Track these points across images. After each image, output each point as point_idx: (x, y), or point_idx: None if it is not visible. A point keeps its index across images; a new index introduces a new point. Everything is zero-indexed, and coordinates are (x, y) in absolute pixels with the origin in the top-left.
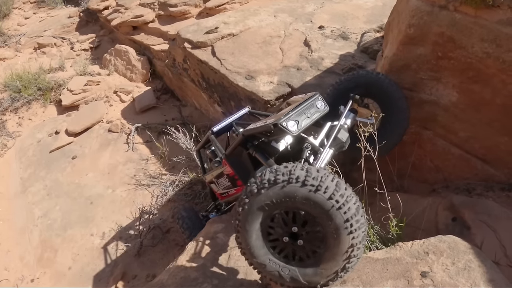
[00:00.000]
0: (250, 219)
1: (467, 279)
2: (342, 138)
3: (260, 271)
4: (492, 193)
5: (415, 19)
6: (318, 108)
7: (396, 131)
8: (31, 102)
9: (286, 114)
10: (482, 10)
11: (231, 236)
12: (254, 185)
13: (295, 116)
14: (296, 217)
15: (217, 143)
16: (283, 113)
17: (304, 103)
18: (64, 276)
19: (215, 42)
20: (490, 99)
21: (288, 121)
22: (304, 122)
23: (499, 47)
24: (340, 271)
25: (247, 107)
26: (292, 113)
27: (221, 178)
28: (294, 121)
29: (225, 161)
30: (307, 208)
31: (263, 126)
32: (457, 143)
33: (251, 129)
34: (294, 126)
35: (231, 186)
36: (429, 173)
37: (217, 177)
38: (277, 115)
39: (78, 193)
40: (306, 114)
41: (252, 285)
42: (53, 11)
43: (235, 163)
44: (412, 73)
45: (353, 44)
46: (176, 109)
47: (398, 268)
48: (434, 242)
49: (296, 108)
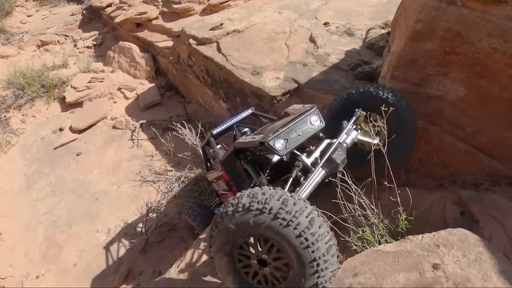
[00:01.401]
0: (223, 240)
1: (479, 270)
2: (337, 159)
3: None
4: (499, 188)
5: (423, 14)
6: (311, 125)
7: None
8: (34, 99)
9: (275, 132)
10: (490, 5)
11: None
12: (230, 207)
13: (284, 133)
14: (266, 244)
15: (216, 146)
16: (272, 129)
17: (297, 118)
18: (69, 272)
19: (220, 39)
20: (498, 94)
21: (276, 139)
22: (293, 141)
23: (506, 42)
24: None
25: (251, 109)
26: (282, 130)
27: (220, 180)
28: (283, 139)
29: (221, 167)
30: (276, 239)
31: (251, 142)
32: (464, 138)
33: (241, 143)
34: (282, 145)
35: (228, 190)
36: (436, 168)
37: (216, 178)
38: (268, 130)
39: (82, 190)
40: (297, 131)
41: None
42: (55, 8)
43: (230, 170)
44: (419, 68)
45: (359, 40)
46: (180, 106)
47: (409, 261)
48: (444, 235)
49: (287, 124)
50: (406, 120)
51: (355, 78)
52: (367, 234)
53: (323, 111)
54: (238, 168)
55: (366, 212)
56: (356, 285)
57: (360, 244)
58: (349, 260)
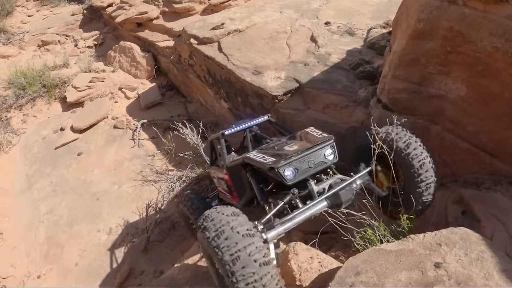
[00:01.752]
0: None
1: (481, 269)
2: (342, 197)
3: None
4: (500, 187)
5: (425, 14)
6: (325, 158)
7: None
8: (35, 99)
9: (288, 159)
10: (491, 4)
11: None
12: (200, 221)
13: (296, 162)
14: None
15: (225, 148)
16: (285, 155)
17: (312, 148)
18: (70, 272)
19: (222, 38)
20: (499, 93)
21: (287, 167)
22: (303, 172)
23: (508, 41)
24: None
25: (267, 115)
26: (294, 158)
27: (222, 180)
28: (294, 168)
29: (226, 172)
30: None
31: (262, 163)
32: (466, 137)
33: (252, 160)
34: (291, 175)
35: (228, 192)
36: (437, 167)
37: (219, 177)
38: (280, 152)
39: (84, 189)
40: (310, 163)
41: None
42: (56, 8)
43: (234, 177)
44: (421, 67)
45: (360, 40)
46: (181, 106)
47: (411, 260)
48: (446, 234)
49: (301, 153)
50: (415, 168)
51: (356, 77)
52: (369, 234)
53: (324, 110)
54: (242, 177)
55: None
56: (358, 284)
57: (362, 243)
58: (351, 259)
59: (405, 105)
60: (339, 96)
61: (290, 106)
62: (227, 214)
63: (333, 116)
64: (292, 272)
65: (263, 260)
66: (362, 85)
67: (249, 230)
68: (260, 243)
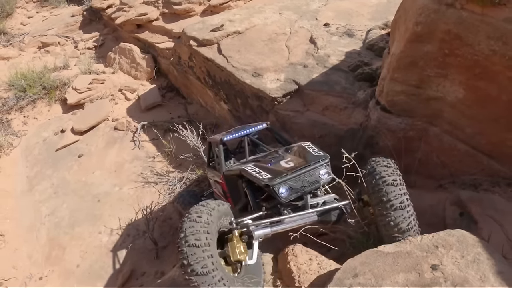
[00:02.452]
0: None
1: (477, 271)
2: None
3: None
4: (498, 188)
5: (422, 17)
6: (319, 177)
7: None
8: (36, 101)
9: (283, 177)
10: (489, 8)
11: None
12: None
13: (292, 181)
14: None
15: (222, 155)
16: (280, 172)
17: (307, 167)
18: (72, 273)
19: (221, 40)
20: (497, 96)
21: (281, 186)
22: (297, 191)
23: (505, 44)
24: None
25: (266, 123)
26: (290, 176)
27: (218, 184)
28: (288, 187)
29: (222, 178)
30: None
31: (258, 179)
32: (464, 139)
33: (249, 174)
34: (285, 193)
35: (223, 196)
36: (436, 169)
37: (215, 181)
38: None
39: (85, 191)
40: (304, 182)
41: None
42: (56, 10)
43: (230, 184)
44: (419, 70)
45: (359, 41)
46: (181, 107)
47: (408, 262)
48: (443, 236)
49: (297, 171)
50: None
51: (355, 79)
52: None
53: (324, 112)
54: (238, 186)
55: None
56: (356, 285)
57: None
58: (350, 261)
59: (404, 107)
60: (338, 98)
61: (289, 108)
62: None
63: (332, 117)
64: (291, 274)
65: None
66: (361, 87)
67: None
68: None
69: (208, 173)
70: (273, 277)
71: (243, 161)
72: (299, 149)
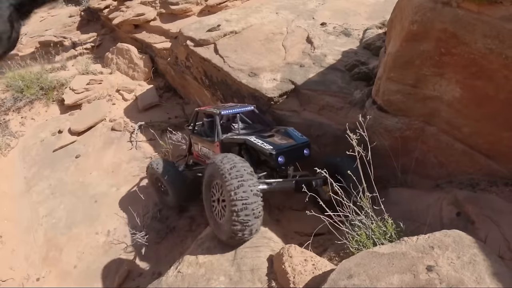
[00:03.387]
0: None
1: (472, 272)
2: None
3: None
4: (495, 188)
5: (418, 16)
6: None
7: None
8: (33, 101)
9: (282, 149)
10: (485, 6)
11: None
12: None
13: (287, 153)
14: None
15: (219, 126)
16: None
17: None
18: (69, 274)
19: (218, 40)
20: (494, 95)
21: (280, 155)
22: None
23: (502, 42)
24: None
25: (253, 106)
26: (286, 149)
27: (206, 148)
28: (284, 157)
29: (219, 144)
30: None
31: (263, 148)
32: (461, 139)
33: (253, 143)
34: (282, 161)
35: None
36: (433, 168)
37: (204, 145)
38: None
39: (82, 192)
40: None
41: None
42: (54, 10)
43: (225, 150)
44: (415, 69)
45: (356, 40)
46: (179, 107)
47: (404, 263)
48: (439, 236)
49: (290, 147)
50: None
51: (351, 78)
52: (363, 238)
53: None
54: (232, 152)
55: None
56: (350, 286)
57: (356, 246)
58: (344, 262)
59: (400, 107)
60: (335, 97)
61: (286, 108)
62: (238, 158)
63: (329, 117)
64: (286, 275)
65: (256, 192)
66: (357, 86)
67: (251, 172)
68: (257, 182)
69: (192, 139)
70: (267, 278)
71: (235, 133)
72: (286, 132)
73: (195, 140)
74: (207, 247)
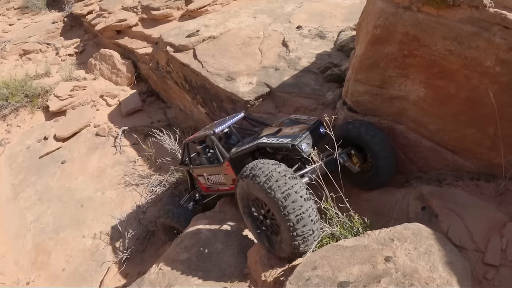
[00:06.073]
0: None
1: (427, 262)
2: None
3: None
4: (461, 182)
5: (381, 20)
6: (321, 133)
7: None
8: (18, 109)
9: (300, 137)
10: (444, 9)
11: (214, 231)
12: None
13: (306, 139)
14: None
15: (219, 145)
16: (296, 135)
17: (311, 127)
18: (58, 277)
19: (197, 45)
20: (455, 93)
21: (303, 143)
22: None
23: (460, 44)
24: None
25: (243, 112)
26: (305, 135)
27: (215, 175)
28: (306, 143)
29: (228, 163)
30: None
31: (281, 144)
32: (428, 136)
33: (266, 143)
34: (307, 148)
35: (225, 184)
36: (403, 165)
37: (211, 173)
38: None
39: (68, 197)
40: (312, 139)
41: (233, 274)
42: (37, 16)
43: (237, 166)
44: (381, 70)
45: (330, 43)
46: (161, 111)
47: (364, 254)
48: (399, 229)
49: (306, 132)
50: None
51: (324, 80)
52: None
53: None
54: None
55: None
56: (314, 277)
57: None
58: (311, 255)
59: (368, 107)
60: (308, 99)
61: (262, 110)
62: (271, 163)
63: None
64: (258, 270)
65: (306, 196)
66: (330, 88)
67: (292, 174)
68: (301, 183)
69: (195, 172)
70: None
71: (239, 145)
72: (291, 121)
73: (198, 173)
74: (185, 245)
